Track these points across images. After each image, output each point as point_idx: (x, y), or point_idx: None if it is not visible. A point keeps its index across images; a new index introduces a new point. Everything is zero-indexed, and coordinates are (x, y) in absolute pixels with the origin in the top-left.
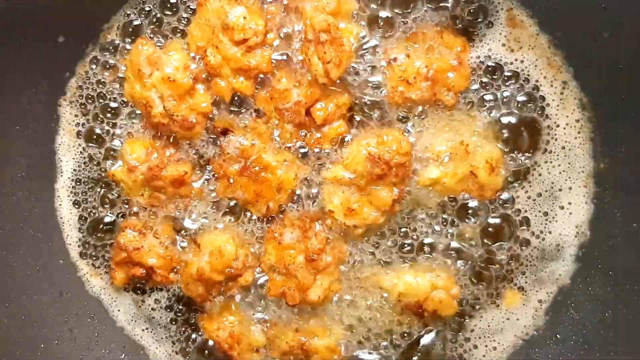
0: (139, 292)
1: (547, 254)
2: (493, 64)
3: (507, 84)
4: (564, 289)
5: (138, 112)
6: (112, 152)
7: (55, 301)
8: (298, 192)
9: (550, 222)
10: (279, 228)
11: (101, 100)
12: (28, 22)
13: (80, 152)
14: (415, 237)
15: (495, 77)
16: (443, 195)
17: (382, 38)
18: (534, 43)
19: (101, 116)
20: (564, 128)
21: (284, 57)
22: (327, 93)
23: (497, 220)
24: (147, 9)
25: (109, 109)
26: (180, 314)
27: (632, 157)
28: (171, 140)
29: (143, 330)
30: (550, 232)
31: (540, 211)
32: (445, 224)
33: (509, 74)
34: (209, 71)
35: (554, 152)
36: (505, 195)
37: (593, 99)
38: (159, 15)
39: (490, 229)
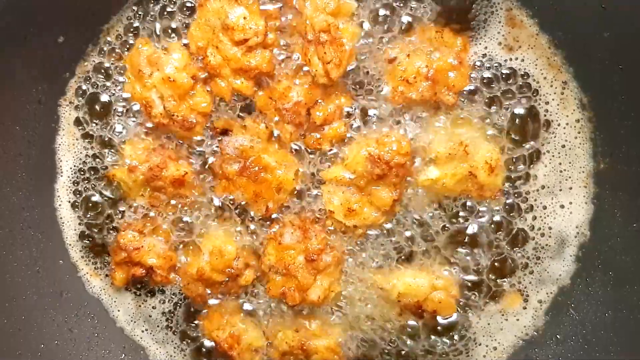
0: (139, 292)
1: (547, 254)
2: (493, 64)
3: (506, 83)
4: (564, 289)
5: (138, 112)
6: (112, 152)
7: (55, 301)
8: (298, 192)
9: (550, 222)
10: (279, 228)
11: (101, 101)
12: (28, 22)
13: (80, 152)
14: (415, 237)
15: (495, 76)
16: (443, 196)
17: (383, 38)
18: (533, 43)
19: (101, 116)
20: (564, 128)
21: (284, 58)
22: (327, 93)
23: (497, 220)
24: (148, 9)
25: (109, 109)
26: (180, 314)
27: (632, 157)
28: (171, 140)
29: (143, 330)
30: (550, 232)
31: (540, 211)
32: (444, 224)
33: (508, 73)
34: (209, 71)
35: (554, 152)
36: (504, 196)
37: (593, 99)
38: (159, 15)
39: (490, 229)
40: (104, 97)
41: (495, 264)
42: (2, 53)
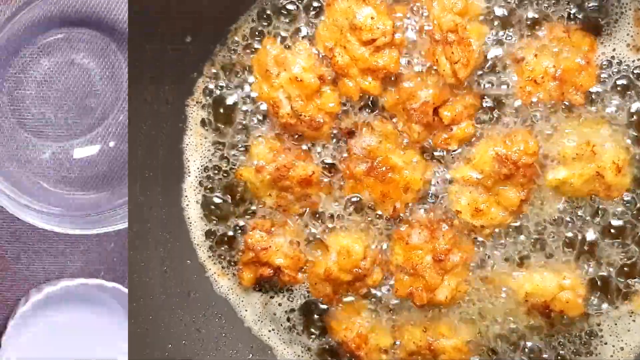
0: (266, 292)
1: None
2: (620, 64)
3: (634, 84)
4: None
5: (265, 112)
6: (239, 152)
7: (183, 301)
8: (425, 192)
9: None
10: (407, 228)
11: (228, 101)
12: (156, 22)
13: (208, 152)
14: (542, 237)
15: (623, 77)
16: (570, 196)
17: (510, 38)
18: None
19: (228, 116)
20: None
21: (412, 58)
22: (455, 93)
23: (623, 221)
24: (275, 9)
25: (236, 109)
26: (307, 314)
27: None
28: (299, 140)
29: (270, 330)
30: None
31: None
32: (572, 224)
33: (637, 73)
34: (337, 71)
35: None
36: (632, 196)
37: None
38: (286, 15)
39: (616, 230)
40: (231, 97)
41: (623, 264)
42: (130, 53)
